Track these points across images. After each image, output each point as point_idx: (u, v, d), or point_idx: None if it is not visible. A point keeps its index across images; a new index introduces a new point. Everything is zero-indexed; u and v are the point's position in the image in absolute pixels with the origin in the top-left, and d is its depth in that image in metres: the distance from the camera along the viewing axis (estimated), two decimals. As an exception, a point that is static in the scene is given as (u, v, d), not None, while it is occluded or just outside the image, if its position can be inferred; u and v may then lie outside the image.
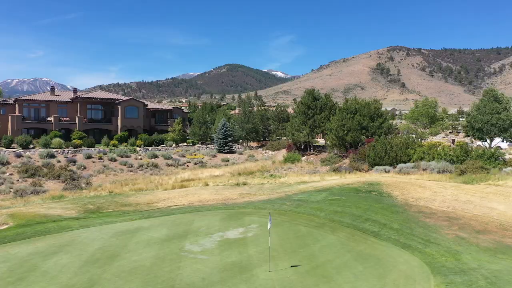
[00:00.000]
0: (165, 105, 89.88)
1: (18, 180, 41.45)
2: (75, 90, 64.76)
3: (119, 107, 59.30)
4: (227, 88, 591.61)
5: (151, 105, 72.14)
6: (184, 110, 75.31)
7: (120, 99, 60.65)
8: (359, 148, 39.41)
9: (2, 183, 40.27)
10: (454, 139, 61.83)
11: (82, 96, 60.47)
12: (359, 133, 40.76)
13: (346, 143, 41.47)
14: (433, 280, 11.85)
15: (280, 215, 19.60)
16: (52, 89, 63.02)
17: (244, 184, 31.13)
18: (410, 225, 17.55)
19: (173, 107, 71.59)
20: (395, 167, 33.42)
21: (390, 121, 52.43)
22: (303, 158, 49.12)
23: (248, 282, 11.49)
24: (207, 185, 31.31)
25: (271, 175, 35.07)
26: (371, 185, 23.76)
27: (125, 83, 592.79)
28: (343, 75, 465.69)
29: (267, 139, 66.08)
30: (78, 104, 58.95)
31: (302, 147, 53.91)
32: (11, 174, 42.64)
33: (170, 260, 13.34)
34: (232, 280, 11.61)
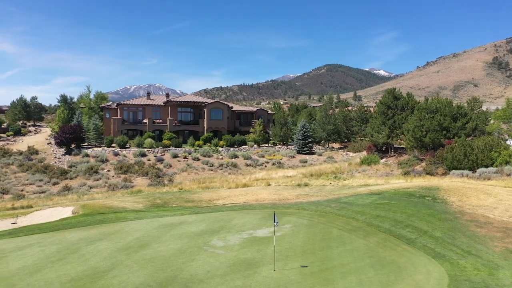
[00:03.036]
0: (251, 107, 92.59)
1: (113, 176, 46.66)
2: (167, 95, 70.47)
3: (205, 110, 62.97)
4: (326, 89, 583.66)
5: (236, 107, 75.11)
6: (269, 112, 76.91)
7: (207, 102, 64.35)
8: (437, 150, 36.45)
9: (100, 178, 45.72)
10: None
11: (173, 100, 65.54)
12: (439, 134, 37.63)
13: (425, 144, 38.64)
14: (444, 293, 10.97)
15: (319, 216, 19.44)
16: (148, 94, 69.50)
17: (306, 185, 31.08)
18: (455, 234, 16.13)
19: (257, 109, 73.59)
20: (475, 171, 30.31)
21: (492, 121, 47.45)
22: (383, 160, 47.01)
23: (247, 278, 11.85)
24: (269, 185, 31.93)
25: (335, 177, 34.37)
26: (429, 190, 22.10)
27: (227, 86, 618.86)
28: (452, 72, 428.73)
29: (350, 140, 64.39)
30: (169, 107, 64.03)
31: (384, 148, 51.56)
32: (108, 171, 48.11)
33: (189, 252, 14.27)
34: (233, 275, 12.07)
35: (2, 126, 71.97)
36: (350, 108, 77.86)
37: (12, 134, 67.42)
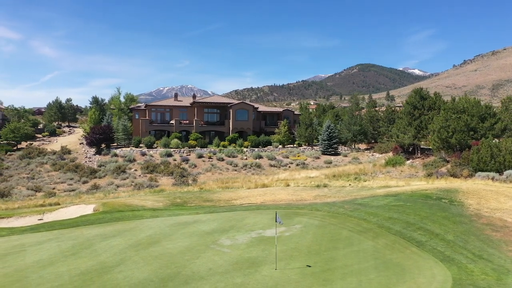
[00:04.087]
0: (277, 107, 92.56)
1: (139, 175, 47.94)
2: (194, 96, 71.69)
3: (231, 110, 63.59)
4: (358, 89, 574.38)
5: (262, 107, 75.34)
6: (295, 112, 76.72)
7: (232, 103, 64.97)
8: (463, 152, 35.27)
9: (127, 177, 47.09)
10: None
11: (199, 101, 66.53)
12: (465, 135, 36.39)
13: (451, 146, 37.47)
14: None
15: (331, 217, 19.38)
16: (175, 96, 70.94)
17: (325, 186, 30.92)
18: (468, 238, 15.72)
19: (283, 110, 73.55)
20: (502, 173, 29.20)
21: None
22: (409, 161, 46.00)
23: (247, 276, 12.05)
24: (288, 185, 31.98)
25: (356, 178, 33.98)
26: (447, 192, 21.53)
27: (258, 87, 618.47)
28: (491, 70, 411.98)
29: (377, 141, 63.32)
30: (196, 108, 65.08)
31: (410, 149, 50.42)
32: (135, 170, 49.47)
33: (196, 250, 14.61)
34: (234, 273, 12.30)
35: (39, 127, 75.37)
36: (377, 108, 76.49)
37: (48, 134, 70.45)
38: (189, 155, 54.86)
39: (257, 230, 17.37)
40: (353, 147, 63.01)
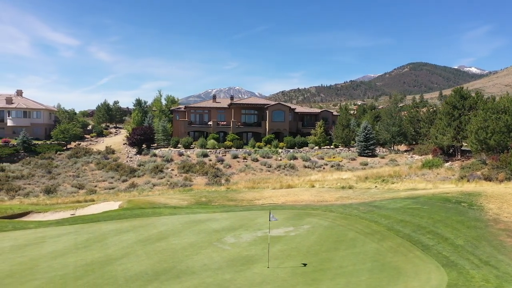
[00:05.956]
0: (315, 108, 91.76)
1: (175, 175, 49.54)
2: (231, 97, 72.83)
3: (267, 112, 64.01)
4: (409, 89, 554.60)
5: (299, 108, 75.10)
6: (334, 113, 75.78)
7: (269, 104, 65.35)
8: (502, 154, 33.29)
9: (164, 177, 48.84)
10: None
11: (236, 102, 67.56)
12: (505, 136, 34.29)
13: (490, 147, 35.48)
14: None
15: (342, 219, 19.24)
16: (214, 97, 72.46)
17: (350, 188, 30.52)
18: (479, 243, 15.09)
19: (321, 110, 72.91)
20: (543, 177, 27.40)
21: None
22: (448, 164, 44.13)
23: (237, 273, 12.39)
24: (313, 186, 31.88)
25: (383, 180, 33.18)
26: (468, 196, 20.60)
27: (304, 88, 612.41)
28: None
29: (418, 142, 61.11)
30: (233, 110, 66.13)
31: (451, 151, 48.32)
32: (172, 170, 51.16)
33: (198, 247, 15.14)
34: (226, 269, 12.69)
35: (88, 128, 79.81)
36: (420, 108, 73.75)
37: (95, 135, 74.45)
38: (225, 155, 55.86)
39: (264, 230, 17.60)
40: (392, 148, 61.26)
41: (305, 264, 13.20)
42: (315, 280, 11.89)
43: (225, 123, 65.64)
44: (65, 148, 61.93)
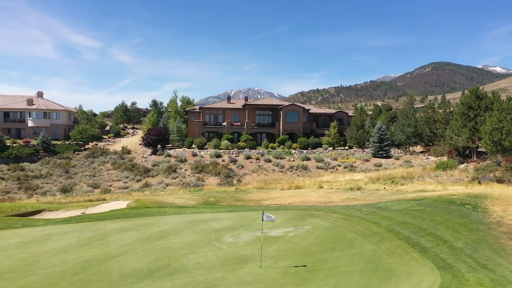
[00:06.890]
0: (330, 109, 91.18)
1: (189, 175, 50.11)
2: (245, 98, 73.16)
3: (281, 112, 64.06)
4: (431, 89, 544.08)
5: (314, 109, 74.86)
6: (349, 114, 75.20)
7: (283, 105, 65.40)
8: (516, 155, 32.57)
9: (177, 177, 49.46)
10: None
11: (250, 103, 67.84)
12: (521, 137, 33.48)
13: (505, 149, 34.66)
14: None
15: (343, 220, 19.19)
16: (228, 98, 72.99)
17: (358, 189, 30.33)
18: (479, 246, 14.86)
19: (336, 111, 72.52)
20: (556, 180, 26.65)
21: None
22: (463, 165, 43.33)
23: (229, 272, 12.56)
24: (321, 187, 31.80)
25: (393, 181, 32.81)
26: (474, 198, 20.24)
27: (323, 88, 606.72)
28: None
29: (434, 143, 60.14)
30: (247, 111, 66.42)
31: (467, 152, 47.38)
32: (185, 170, 51.76)
33: (196, 246, 15.38)
34: (218, 268, 12.87)
35: (106, 129, 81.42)
36: (437, 109, 72.40)
37: (113, 135, 75.91)
38: (238, 156, 56.18)
39: (264, 230, 17.72)
40: (408, 149, 60.43)
41: (297, 266, 13.26)
42: (305, 280, 11.96)
43: (239, 124, 66.00)
44: (83, 148, 63.36)
